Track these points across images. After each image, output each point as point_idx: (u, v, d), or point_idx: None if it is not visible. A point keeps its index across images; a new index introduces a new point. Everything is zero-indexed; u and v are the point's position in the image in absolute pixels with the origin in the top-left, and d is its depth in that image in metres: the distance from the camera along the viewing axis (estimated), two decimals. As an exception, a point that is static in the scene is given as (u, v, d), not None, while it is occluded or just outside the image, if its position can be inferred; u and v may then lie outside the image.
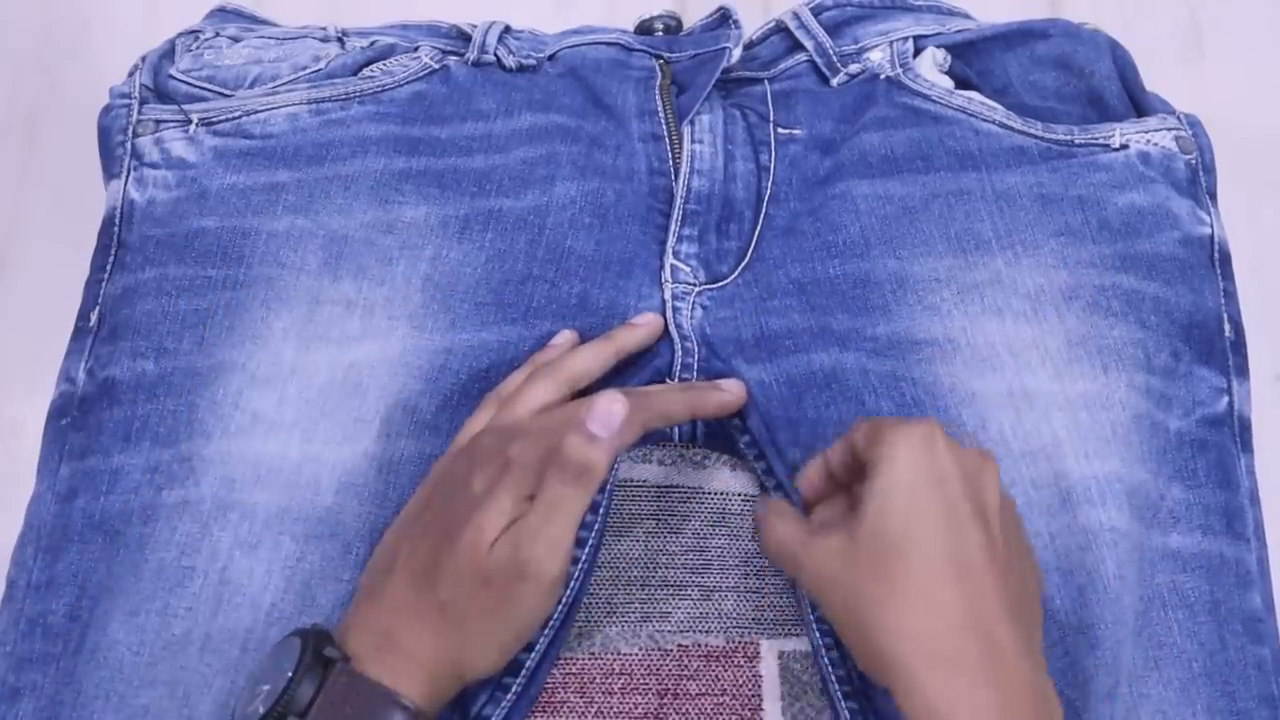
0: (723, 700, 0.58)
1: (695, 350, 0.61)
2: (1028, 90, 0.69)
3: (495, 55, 0.69)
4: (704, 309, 0.62)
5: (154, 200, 0.63)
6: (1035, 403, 0.59)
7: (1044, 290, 0.62)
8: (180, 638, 0.55)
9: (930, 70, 0.69)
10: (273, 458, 0.58)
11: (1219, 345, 0.63)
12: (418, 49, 0.68)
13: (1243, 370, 0.63)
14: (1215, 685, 0.57)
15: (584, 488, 0.50)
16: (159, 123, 0.65)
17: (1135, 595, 0.57)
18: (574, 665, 0.59)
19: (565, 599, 0.55)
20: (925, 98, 0.67)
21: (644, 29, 0.72)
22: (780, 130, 0.67)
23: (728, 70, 0.68)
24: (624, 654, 0.59)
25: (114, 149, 0.65)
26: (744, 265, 0.63)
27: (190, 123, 0.65)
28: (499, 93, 0.67)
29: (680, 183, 0.64)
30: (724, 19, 0.70)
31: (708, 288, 0.63)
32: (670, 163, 0.66)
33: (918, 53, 0.69)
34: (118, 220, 0.63)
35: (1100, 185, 0.65)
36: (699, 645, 0.59)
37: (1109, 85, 0.69)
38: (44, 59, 0.76)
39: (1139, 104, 0.69)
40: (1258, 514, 0.61)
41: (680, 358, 0.61)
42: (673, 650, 0.59)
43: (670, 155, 0.66)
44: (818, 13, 0.71)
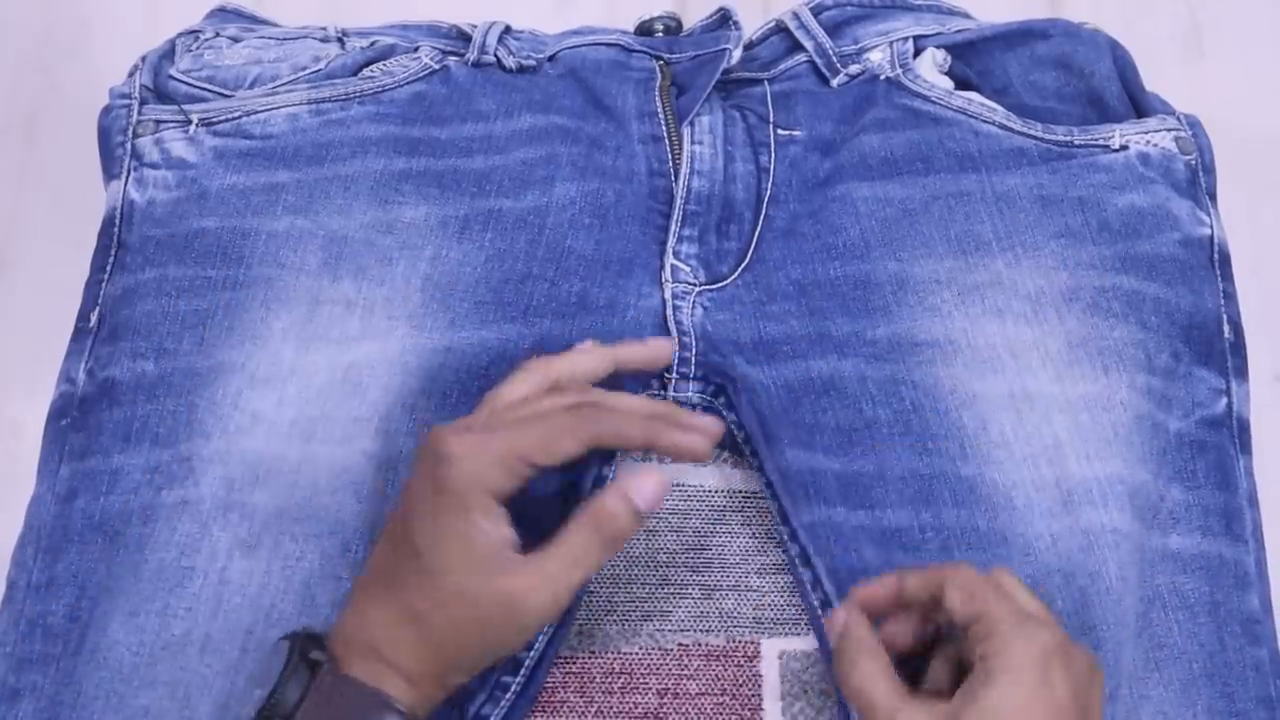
0: (723, 700, 0.58)
1: (694, 345, 0.61)
2: (1028, 90, 0.69)
3: (495, 56, 0.69)
4: (704, 309, 0.62)
5: (154, 201, 0.63)
6: (1036, 404, 0.59)
7: (1044, 291, 0.62)
8: (180, 638, 0.55)
9: (930, 71, 0.69)
10: (272, 458, 0.58)
11: (1218, 346, 0.63)
12: (418, 49, 0.68)
13: (1241, 372, 0.63)
14: (1215, 686, 0.57)
15: (611, 551, 0.50)
16: (159, 123, 0.65)
17: (1136, 596, 0.57)
18: (574, 664, 0.59)
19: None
20: (925, 99, 0.67)
21: (644, 30, 0.72)
22: (780, 131, 0.67)
23: (728, 71, 0.67)
24: (624, 653, 0.59)
25: (114, 149, 0.65)
26: (744, 266, 0.63)
27: (190, 123, 0.65)
28: (499, 93, 0.67)
29: (680, 183, 0.64)
30: (724, 20, 0.69)
31: (708, 288, 0.63)
32: (670, 164, 0.66)
33: (918, 53, 0.69)
34: (118, 220, 0.63)
35: (1100, 186, 0.65)
36: (699, 644, 0.59)
37: (1109, 85, 0.69)
38: (44, 59, 0.76)
39: (1139, 104, 0.69)
40: (1256, 516, 0.61)
41: (679, 352, 0.61)
42: (673, 649, 0.59)
43: (670, 156, 0.66)
44: (817, 13, 0.71)
